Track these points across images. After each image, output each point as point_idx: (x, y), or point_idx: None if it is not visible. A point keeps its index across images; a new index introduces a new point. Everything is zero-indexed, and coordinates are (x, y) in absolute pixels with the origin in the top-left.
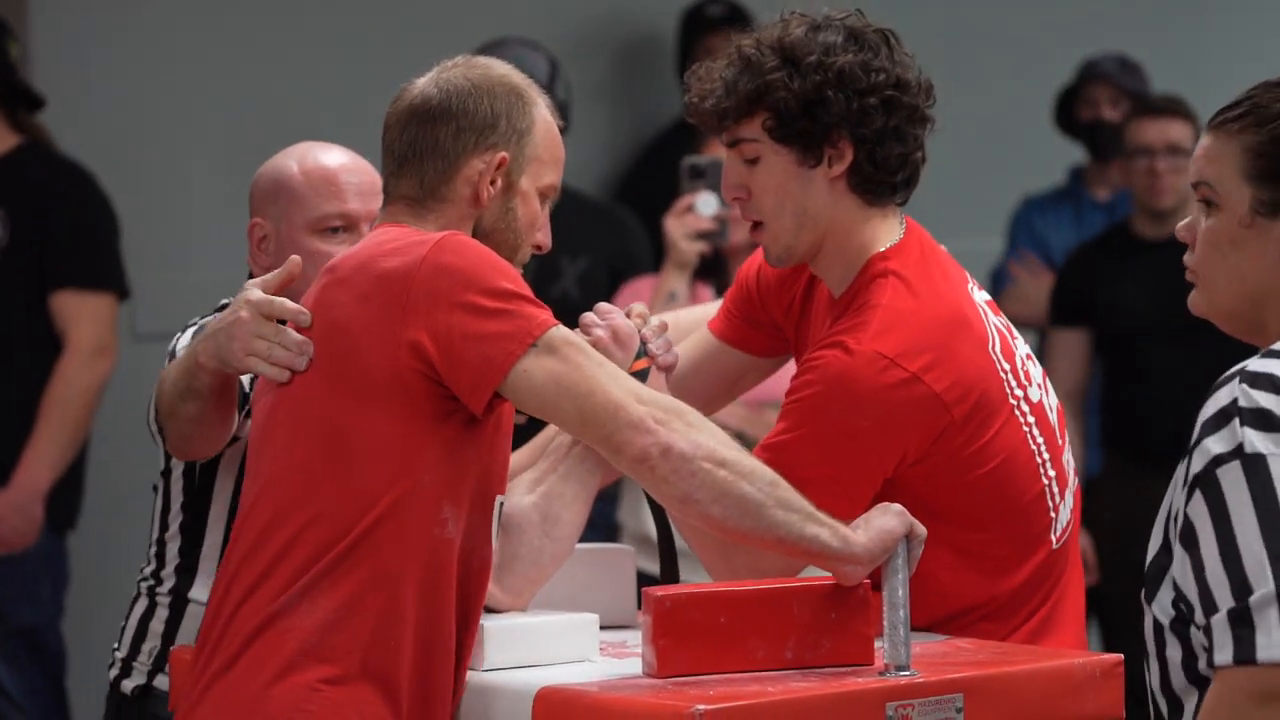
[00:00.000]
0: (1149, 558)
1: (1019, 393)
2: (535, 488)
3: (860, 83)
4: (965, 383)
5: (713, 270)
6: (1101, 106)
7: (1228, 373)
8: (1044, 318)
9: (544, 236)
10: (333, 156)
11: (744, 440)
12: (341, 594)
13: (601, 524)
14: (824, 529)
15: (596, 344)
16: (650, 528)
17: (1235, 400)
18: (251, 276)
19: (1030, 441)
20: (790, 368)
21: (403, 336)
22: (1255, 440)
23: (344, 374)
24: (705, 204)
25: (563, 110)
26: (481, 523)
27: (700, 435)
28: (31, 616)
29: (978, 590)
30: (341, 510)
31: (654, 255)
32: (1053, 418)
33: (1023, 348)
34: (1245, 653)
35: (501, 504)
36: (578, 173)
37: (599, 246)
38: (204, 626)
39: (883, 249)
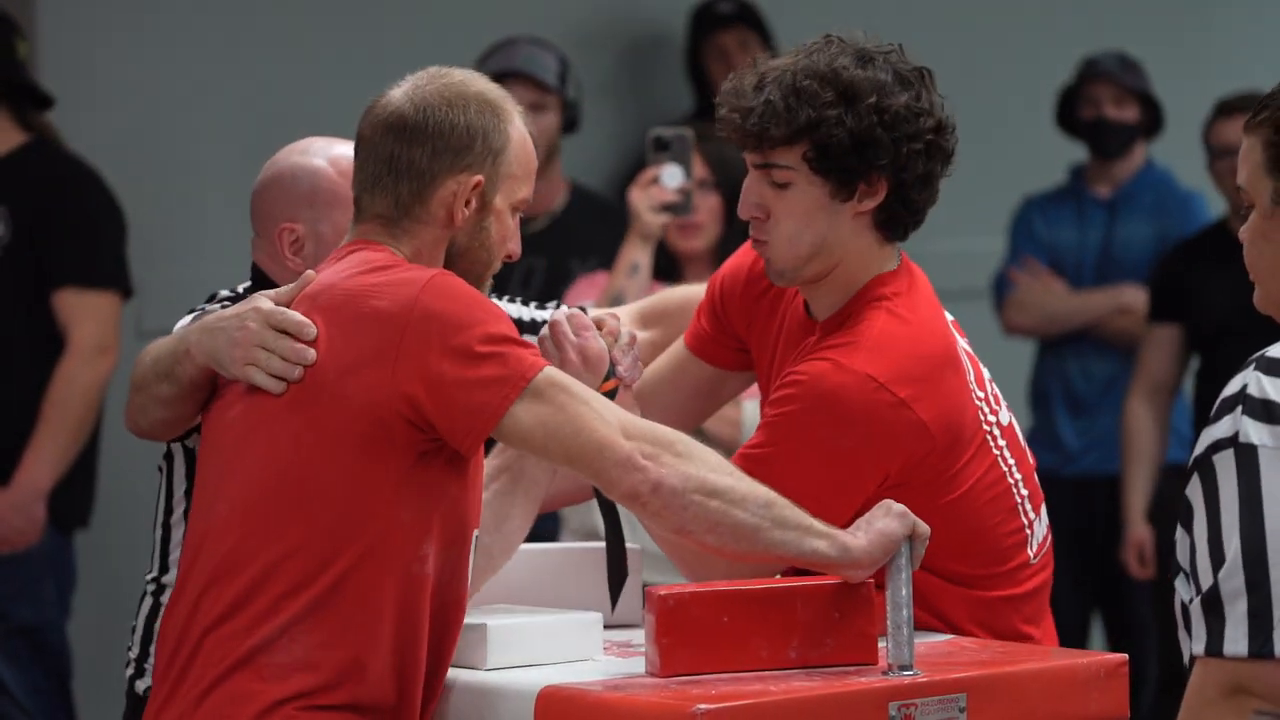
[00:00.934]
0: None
1: (991, 419)
2: (489, 484)
3: (909, 126)
4: (948, 415)
5: (669, 274)
6: (1104, 105)
7: (1250, 357)
8: (1045, 327)
9: (515, 245)
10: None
11: (702, 437)
12: (324, 630)
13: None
14: (822, 540)
15: (564, 366)
16: (597, 521)
17: (1245, 387)
18: (264, 279)
19: (1002, 463)
20: None
21: (393, 384)
22: (1251, 430)
23: (323, 409)
24: (670, 176)
25: (573, 108)
26: (458, 559)
27: (689, 466)
28: (33, 616)
29: (957, 608)
30: (319, 546)
31: (660, 254)
32: (1021, 439)
33: (985, 370)
34: (1214, 644)
35: (477, 538)
36: (585, 170)
37: (607, 246)
38: (163, 655)
39: (879, 275)
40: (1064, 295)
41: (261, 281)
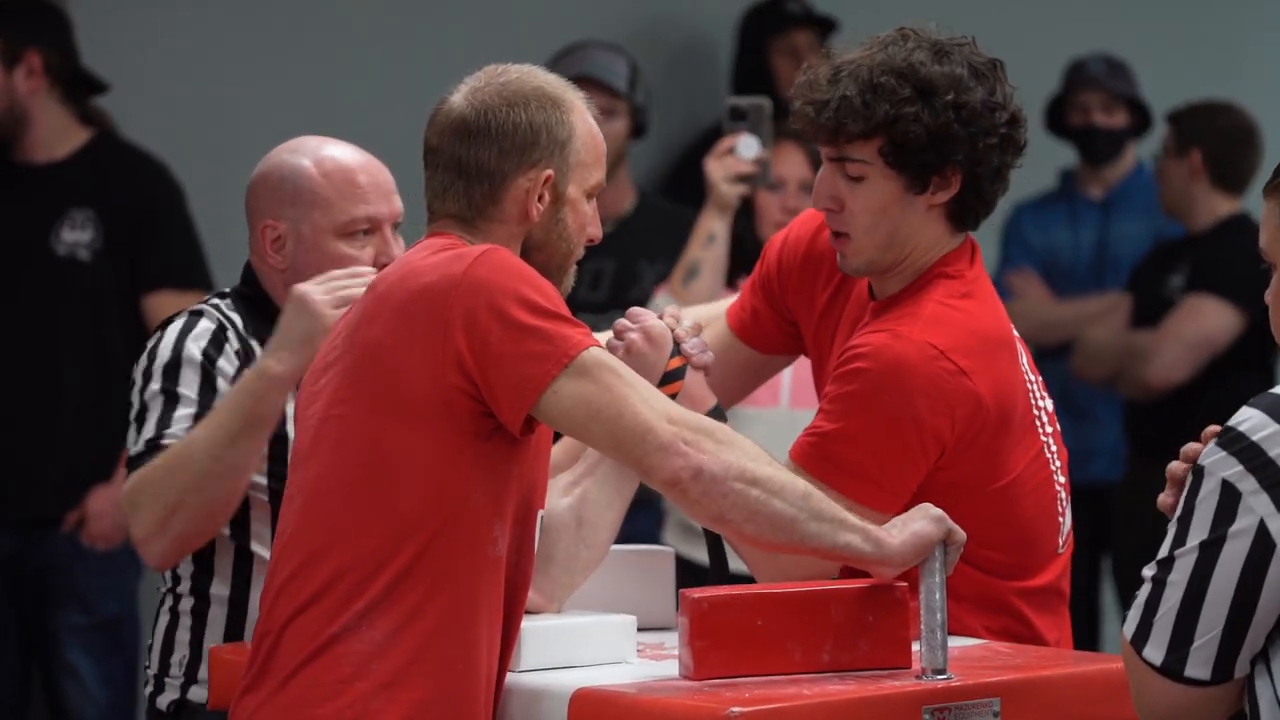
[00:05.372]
0: None
1: (1041, 404)
2: (571, 490)
3: (985, 121)
4: (1001, 392)
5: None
6: (1093, 113)
7: None
8: (1039, 334)
9: (595, 229)
10: (348, 155)
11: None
12: (400, 615)
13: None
14: (855, 535)
15: (630, 347)
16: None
17: None
18: (251, 276)
19: (1047, 450)
20: None
21: (445, 354)
22: None
23: (386, 393)
24: (746, 147)
25: (641, 113)
26: (525, 539)
27: (730, 454)
28: (117, 609)
29: (991, 599)
30: (391, 533)
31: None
32: (1058, 425)
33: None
34: None
35: (542, 518)
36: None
37: (675, 249)
38: (251, 649)
39: (942, 255)
40: (1056, 303)
41: (250, 280)
